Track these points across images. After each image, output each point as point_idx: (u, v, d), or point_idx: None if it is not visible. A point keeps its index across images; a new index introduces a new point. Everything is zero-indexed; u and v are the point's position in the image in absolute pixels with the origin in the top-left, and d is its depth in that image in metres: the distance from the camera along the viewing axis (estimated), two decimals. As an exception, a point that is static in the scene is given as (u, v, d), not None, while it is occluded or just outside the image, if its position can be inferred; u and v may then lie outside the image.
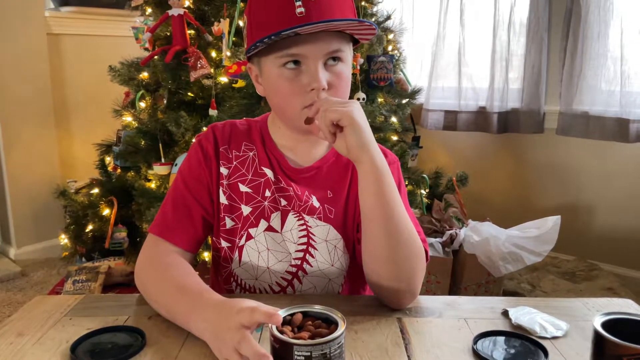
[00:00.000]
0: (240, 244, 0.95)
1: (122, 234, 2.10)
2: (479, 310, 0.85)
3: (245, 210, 0.94)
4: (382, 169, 0.81)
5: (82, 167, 2.88)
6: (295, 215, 0.94)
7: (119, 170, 2.27)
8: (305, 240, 0.94)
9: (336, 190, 0.95)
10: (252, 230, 0.94)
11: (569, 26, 2.47)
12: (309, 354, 0.59)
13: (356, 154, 0.79)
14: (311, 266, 0.94)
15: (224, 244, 0.96)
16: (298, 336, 0.62)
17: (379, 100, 2.30)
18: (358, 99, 2.15)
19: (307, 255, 0.94)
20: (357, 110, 0.79)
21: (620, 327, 0.62)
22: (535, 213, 2.23)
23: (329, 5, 0.83)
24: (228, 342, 0.67)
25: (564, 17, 2.49)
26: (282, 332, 0.62)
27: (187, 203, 0.94)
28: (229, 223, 0.95)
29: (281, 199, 0.94)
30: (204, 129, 1.98)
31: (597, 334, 0.62)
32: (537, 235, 1.94)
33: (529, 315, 0.81)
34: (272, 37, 0.80)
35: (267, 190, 0.94)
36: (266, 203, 0.94)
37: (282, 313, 0.65)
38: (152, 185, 2.07)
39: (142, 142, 2.10)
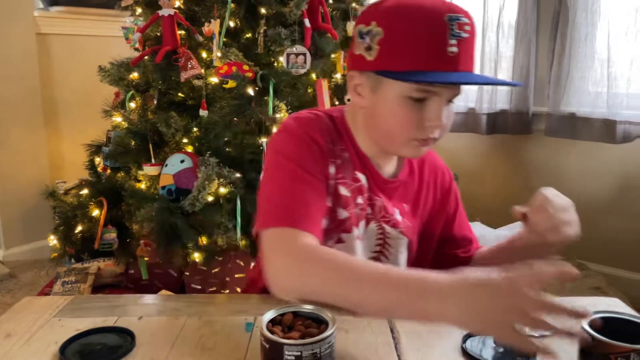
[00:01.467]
0: (328, 246, 0.89)
1: (111, 235, 2.09)
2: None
3: (342, 214, 0.90)
4: None
5: (72, 168, 2.86)
6: (377, 225, 0.94)
7: (108, 171, 2.26)
8: (378, 248, 0.95)
9: (413, 205, 0.98)
10: (343, 236, 0.92)
11: (557, 28, 2.49)
12: (299, 353, 0.59)
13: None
14: None
15: None
16: (288, 336, 0.62)
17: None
18: (348, 100, 2.15)
19: (377, 262, 0.95)
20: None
21: (608, 326, 0.63)
22: (524, 213, 2.25)
23: (472, 43, 0.81)
24: (518, 310, 0.59)
25: (551, 19, 2.51)
26: (272, 332, 0.62)
27: (314, 188, 0.83)
28: (324, 223, 0.88)
29: (369, 207, 0.93)
30: (195, 129, 1.99)
31: (585, 333, 0.63)
32: (525, 235, 1.96)
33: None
34: (419, 77, 0.76)
35: (359, 196, 0.92)
36: (358, 210, 0.92)
37: (272, 313, 0.65)
38: (142, 186, 2.06)
39: (132, 143, 2.09)
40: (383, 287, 0.67)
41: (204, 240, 1.91)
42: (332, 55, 2.12)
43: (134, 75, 2.18)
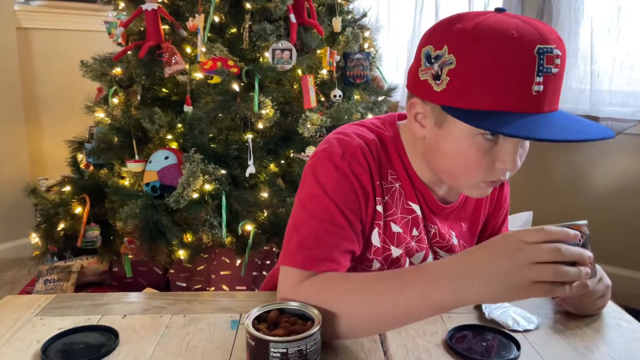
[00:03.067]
0: None
1: (95, 233, 2.07)
2: (453, 305, 0.86)
3: (395, 252, 0.85)
4: None
5: (53, 165, 2.82)
6: (432, 253, 0.89)
7: (91, 168, 2.24)
8: None
9: (471, 224, 0.92)
10: None
11: (541, 25, 2.51)
12: (285, 350, 0.59)
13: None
14: None
15: None
16: (274, 333, 0.62)
17: (355, 97, 2.30)
18: (335, 96, 2.15)
19: None
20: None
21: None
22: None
23: (560, 78, 0.69)
24: (521, 265, 0.58)
25: (536, 17, 2.53)
26: (258, 330, 0.62)
27: (343, 231, 0.77)
28: (375, 266, 0.84)
29: (425, 237, 0.87)
30: (179, 125, 1.97)
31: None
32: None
33: (502, 309, 0.82)
34: (496, 127, 0.65)
35: (414, 228, 0.85)
36: (413, 243, 0.86)
37: (257, 310, 0.65)
38: (126, 182, 2.04)
39: (115, 139, 2.07)
40: (388, 286, 0.66)
41: (188, 237, 1.89)
42: (318, 51, 2.11)
43: (117, 70, 2.16)
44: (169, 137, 2.00)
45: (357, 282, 0.70)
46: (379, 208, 0.82)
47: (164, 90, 2.08)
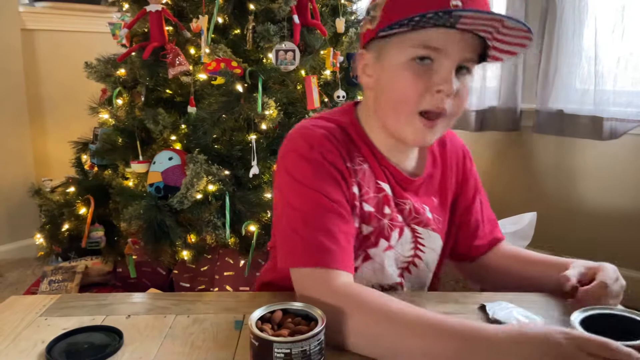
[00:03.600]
0: (355, 265, 0.85)
1: (99, 233, 2.07)
2: (456, 306, 0.86)
3: (366, 229, 0.86)
4: None
5: (58, 166, 2.83)
6: (410, 230, 0.90)
7: (95, 169, 2.24)
8: (412, 252, 0.92)
9: (441, 197, 0.93)
10: (371, 251, 0.88)
11: (545, 26, 2.51)
12: (288, 351, 0.59)
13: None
14: (411, 274, 0.93)
15: None
16: (278, 333, 0.62)
17: (359, 97, 2.30)
18: (338, 97, 2.15)
19: (411, 265, 0.93)
20: None
21: (596, 322, 0.64)
22: (512, 209, 2.27)
23: (484, 2, 0.76)
24: None
25: (539, 17, 2.53)
26: (261, 330, 0.62)
27: (338, 217, 0.79)
28: None
29: (398, 215, 0.88)
30: (183, 126, 1.97)
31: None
32: (514, 231, 1.97)
33: (506, 309, 0.82)
34: (416, 18, 0.70)
35: (386, 207, 0.87)
36: (386, 221, 0.87)
37: (261, 311, 0.65)
38: (130, 183, 2.05)
39: (120, 140, 2.07)
40: (432, 334, 0.64)
41: (192, 238, 1.90)
42: (321, 52, 2.11)
43: (121, 71, 2.17)
44: (173, 138, 2.00)
45: (403, 318, 0.68)
46: (355, 189, 0.84)
47: (167, 91, 2.08)
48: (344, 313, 0.68)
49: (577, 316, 0.64)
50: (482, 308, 0.84)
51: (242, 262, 1.93)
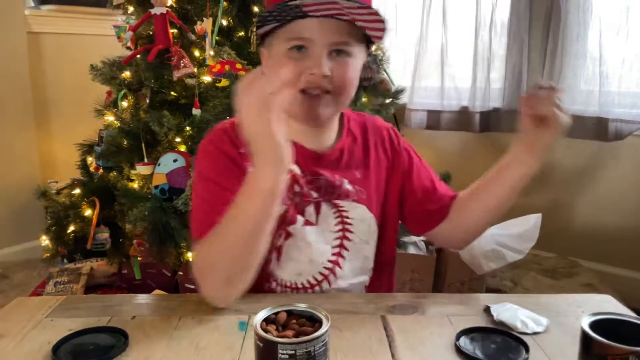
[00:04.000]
0: (278, 244, 0.93)
1: (104, 235, 2.08)
2: (461, 307, 0.86)
3: (280, 209, 0.91)
4: None
5: (63, 168, 2.84)
6: (329, 205, 0.95)
7: (101, 171, 2.25)
8: (340, 227, 0.95)
9: (362, 171, 0.97)
10: (290, 228, 0.93)
11: (549, 27, 2.50)
12: (293, 352, 0.59)
13: (541, 155, 0.92)
14: (348, 250, 0.95)
15: None
16: (282, 335, 0.62)
17: (363, 100, 2.30)
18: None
19: (344, 240, 0.95)
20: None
21: (607, 327, 0.64)
22: (516, 211, 2.25)
23: None
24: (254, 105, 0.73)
25: (544, 18, 2.52)
26: (266, 331, 0.62)
27: (227, 201, 0.85)
28: None
29: (312, 191, 0.94)
30: (188, 128, 1.98)
31: (584, 334, 0.63)
32: (519, 233, 1.97)
33: (511, 311, 0.82)
34: (278, 7, 0.80)
35: (295, 185, 0.93)
36: (298, 198, 0.93)
37: (265, 312, 0.65)
38: (135, 185, 2.05)
39: (125, 142, 2.08)
40: (246, 197, 0.78)
41: (197, 239, 1.90)
42: (325, 54, 2.12)
43: (126, 74, 2.17)
44: (178, 139, 2.01)
45: (220, 226, 0.80)
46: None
47: (172, 93, 2.09)
48: (207, 260, 0.82)
49: (586, 320, 0.64)
50: (487, 310, 0.84)
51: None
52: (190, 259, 1.88)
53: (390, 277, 1.07)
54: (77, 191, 2.22)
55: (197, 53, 2.04)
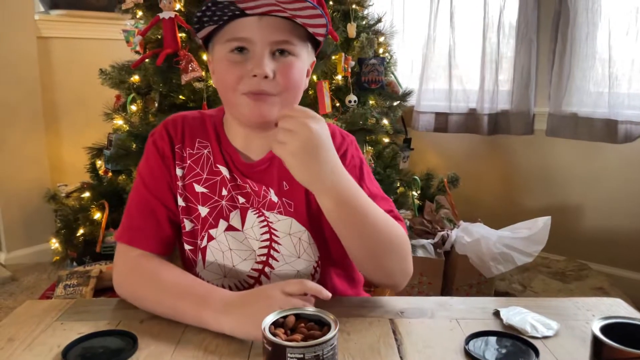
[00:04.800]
0: (202, 246, 0.93)
1: (113, 238, 2.09)
2: (470, 311, 0.86)
3: (203, 211, 0.93)
4: (343, 194, 0.78)
5: (73, 171, 2.87)
6: (255, 212, 0.92)
7: (110, 174, 2.26)
8: (267, 236, 0.93)
9: (292, 182, 0.87)
10: (212, 231, 0.92)
11: (558, 28, 2.49)
12: (301, 356, 0.59)
13: (311, 189, 0.79)
14: (277, 261, 0.93)
15: (186, 247, 0.95)
16: (291, 338, 0.62)
17: (371, 102, 2.30)
18: (350, 102, 2.15)
19: (272, 250, 0.93)
20: (298, 144, 0.73)
21: (617, 331, 0.63)
22: (525, 214, 2.25)
23: None
24: (269, 308, 0.67)
25: (552, 19, 2.51)
26: (275, 335, 0.62)
27: (151, 206, 0.92)
28: (188, 225, 0.93)
29: (239, 197, 0.92)
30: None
31: (595, 339, 0.62)
32: (527, 236, 1.96)
33: (520, 315, 0.81)
34: (209, 4, 0.77)
35: (223, 189, 0.92)
36: (224, 202, 0.92)
37: (274, 316, 0.65)
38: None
39: (134, 146, 2.09)
40: (174, 295, 0.81)
41: (205, 242, 1.90)
42: (333, 57, 2.12)
43: (135, 78, 2.18)
44: (186, 143, 2.01)
45: (161, 281, 0.85)
46: (178, 171, 0.93)
47: (180, 97, 2.09)
48: (128, 280, 0.88)
49: (597, 324, 0.64)
50: (497, 313, 0.83)
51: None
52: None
53: (351, 274, 1.01)
54: (86, 194, 2.23)
55: (205, 57, 2.05)
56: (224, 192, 0.92)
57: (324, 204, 0.79)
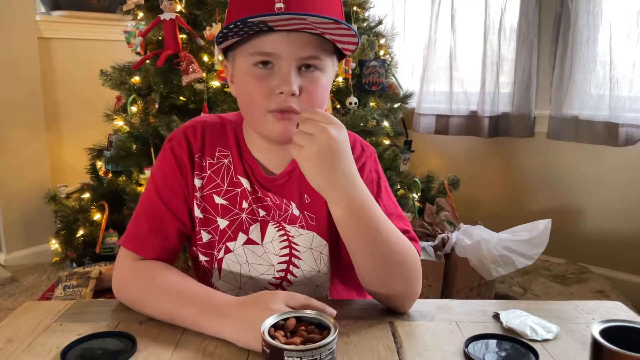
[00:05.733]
0: (219, 257, 0.92)
1: (113, 239, 2.09)
2: (470, 314, 0.86)
3: (222, 223, 0.90)
4: (356, 204, 0.76)
5: (73, 172, 2.87)
6: (275, 226, 0.90)
7: (110, 175, 2.26)
8: (287, 251, 0.91)
9: (313, 194, 0.85)
10: (230, 244, 0.91)
11: (559, 31, 2.49)
12: (299, 359, 0.58)
13: (324, 195, 0.76)
14: (296, 276, 0.92)
15: (202, 257, 0.93)
16: (290, 341, 0.62)
17: (371, 104, 2.30)
18: (350, 103, 2.15)
19: (291, 265, 0.91)
20: (316, 149, 0.71)
21: (618, 334, 0.63)
22: (526, 216, 2.25)
23: (312, 5, 0.76)
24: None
25: (553, 22, 2.51)
26: (274, 337, 0.62)
27: (161, 215, 0.89)
28: (205, 237, 0.91)
29: (259, 210, 0.90)
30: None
31: (595, 342, 0.62)
32: (528, 239, 1.95)
33: (520, 318, 0.81)
34: (239, 23, 0.74)
35: (244, 201, 0.90)
36: (244, 215, 0.90)
37: (274, 318, 0.65)
38: (144, 189, 2.06)
39: (134, 147, 2.09)
40: (172, 302, 0.80)
41: (205, 244, 1.90)
42: (334, 59, 2.11)
43: (136, 79, 2.19)
44: (186, 144, 2.01)
45: (160, 286, 0.83)
46: (197, 181, 0.90)
47: (181, 98, 2.10)
48: (127, 287, 0.87)
49: (597, 327, 0.63)
50: (496, 316, 0.83)
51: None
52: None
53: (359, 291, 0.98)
54: (86, 195, 2.23)
55: (205, 58, 2.05)
56: (245, 205, 0.90)
57: (335, 212, 0.77)
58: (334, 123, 0.74)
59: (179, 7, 2.06)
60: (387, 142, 2.38)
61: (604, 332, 0.63)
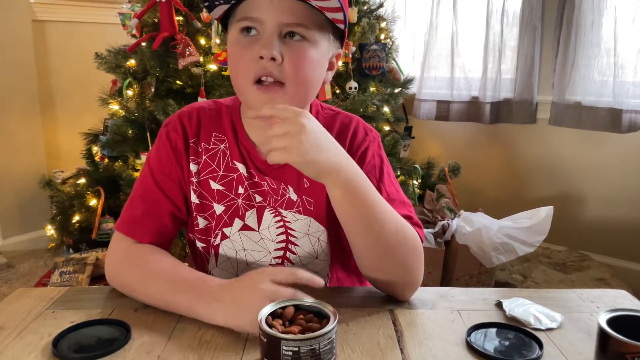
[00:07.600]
0: (215, 244, 0.91)
1: (109, 225, 2.07)
2: (472, 302, 0.84)
3: (218, 209, 0.90)
4: (351, 183, 0.74)
5: (69, 157, 2.84)
6: (272, 212, 0.89)
7: (106, 160, 2.24)
8: (283, 237, 0.90)
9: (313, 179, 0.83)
10: (226, 230, 0.90)
11: (563, 16, 2.45)
12: (297, 349, 0.57)
13: (323, 181, 0.74)
14: (293, 263, 0.91)
15: (199, 244, 0.93)
16: (288, 330, 0.60)
17: (371, 89, 2.28)
18: (350, 88, 2.12)
19: (288, 252, 0.90)
20: (298, 142, 0.69)
21: (623, 323, 0.61)
22: (527, 203, 2.23)
23: None
24: (260, 299, 0.66)
25: (557, 7, 2.47)
26: (272, 326, 0.60)
27: (156, 199, 0.88)
28: (201, 222, 0.91)
29: (256, 195, 0.89)
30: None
31: (601, 331, 0.61)
32: (529, 226, 1.94)
33: (523, 306, 0.80)
34: None
35: (240, 186, 0.89)
36: (240, 201, 0.89)
37: (272, 306, 0.63)
38: (139, 174, 2.04)
39: (130, 131, 2.07)
40: (165, 287, 0.79)
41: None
42: (333, 43, 2.08)
43: (131, 62, 2.15)
44: (183, 129, 1.99)
45: (152, 271, 0.82)
46: (193, 167, 0.89)
47: (178, 82, 2.07)
48: (118, 271, 0.86)
49: (604, 317, 0.62)
50: (499, 305, 0.82)
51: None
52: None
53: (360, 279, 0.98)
54: (82, 181, 2.21)
55: (202, 41, 2.02)
56: (241, 190, 0.89)
57: (333, 193, 0.76)
58: (298, 112, 0.71)
59: (175, -11, 2.02)
60: (387, 128, 2.35)
61: (611, 322, 0.61)
